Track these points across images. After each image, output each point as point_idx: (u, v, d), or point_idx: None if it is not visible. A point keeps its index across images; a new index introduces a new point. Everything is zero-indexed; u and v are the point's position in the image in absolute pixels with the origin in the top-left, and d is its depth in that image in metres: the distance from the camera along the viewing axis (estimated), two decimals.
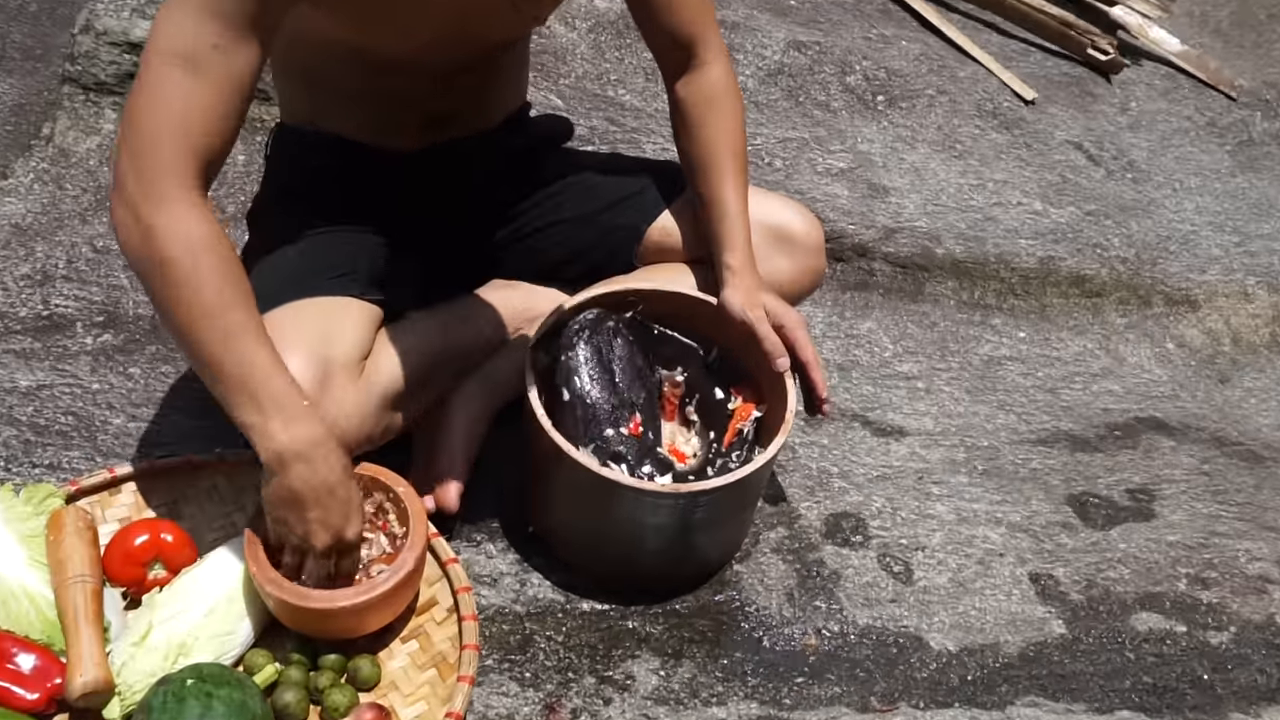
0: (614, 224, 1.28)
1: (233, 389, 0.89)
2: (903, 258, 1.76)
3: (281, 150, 1.22)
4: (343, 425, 1.01)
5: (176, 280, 0.86)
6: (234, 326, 0.88)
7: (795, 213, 1.27)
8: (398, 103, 1.13)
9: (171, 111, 0.86)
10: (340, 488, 0.94)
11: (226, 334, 0.87)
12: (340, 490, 0.95)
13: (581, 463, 1.06)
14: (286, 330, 1.02)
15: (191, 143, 0.87)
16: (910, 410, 1.54)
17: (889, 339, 1.66)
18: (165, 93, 0.86)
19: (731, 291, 1.16)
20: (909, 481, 1.43)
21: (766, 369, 1.17)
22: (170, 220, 0.86)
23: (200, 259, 0.87)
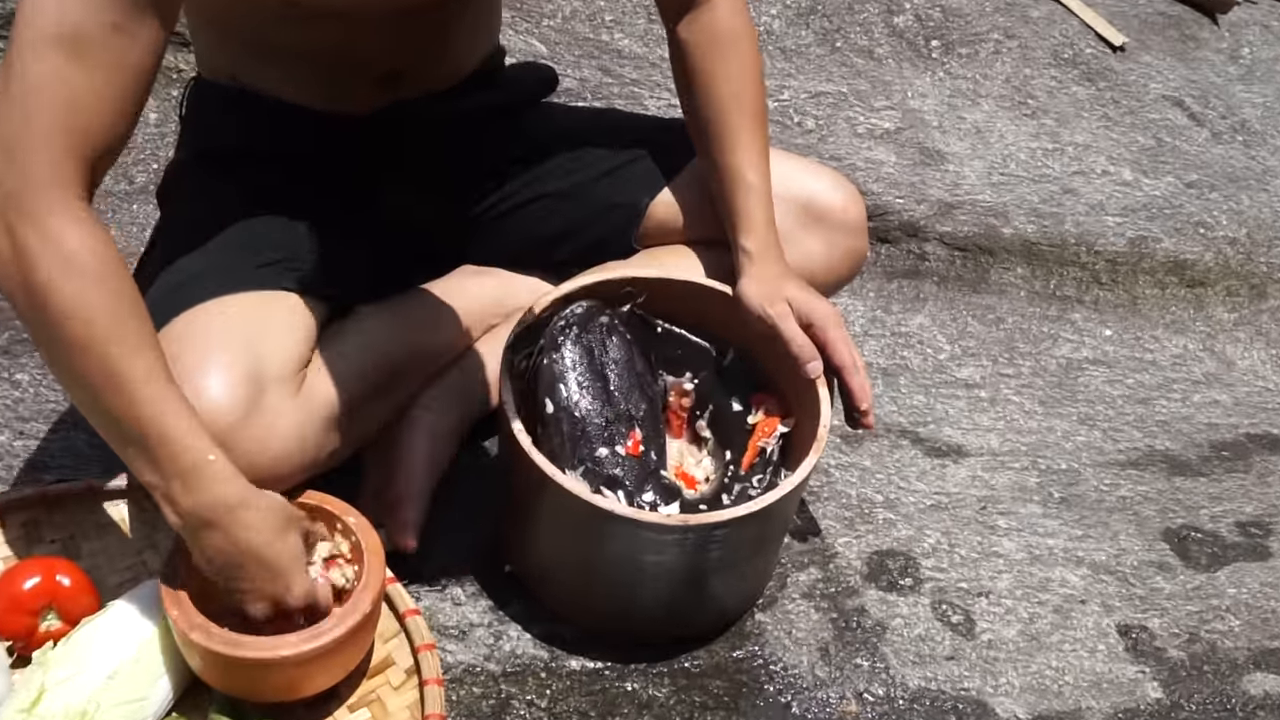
0: (609, 198, 1.29)
1: (125, 442, 0.89)
2: (962, 239, 1.76)
3: (201, 110, 1.22)
4: (276, 451, 1.02)
5: (56, 312, 0.85)
6: (125, 370, 0.86)
7: (830, 184, 1.28)
8: (339, 58, 1.13)
9: (53, 107, 0.85)
10: (267, 550, 0.94)
11: (116, 378, 0.86)
12: (268, 553, 0.95)
13: (569, 489, 1.06)
14: (207, 335, 1.02)
15: (75, 142, 0.86)
16: (971, 425, 1.54)
17: (945, 338, 1.66)
18: (43, 84, 0.84)
19: (751, 280, 1.17)
20: (969, 512, 1.43)
21: (794, 375, 1.17)
22: (48, 239, 0.85)
23: (86, 286, 0.85)
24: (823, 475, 1.43)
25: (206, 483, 0.91)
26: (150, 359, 0.88)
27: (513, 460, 1.12)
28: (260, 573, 0.95)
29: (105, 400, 0.87)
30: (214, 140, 1.20)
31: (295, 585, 0.97)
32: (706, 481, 1.20)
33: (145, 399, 0.87)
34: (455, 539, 1.26)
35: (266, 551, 0.95)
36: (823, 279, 1.26)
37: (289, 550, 0.96)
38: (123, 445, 0.89)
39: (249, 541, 0.93)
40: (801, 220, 1.25)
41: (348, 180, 1.21)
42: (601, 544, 1.11)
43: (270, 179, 1.17)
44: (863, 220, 1.28)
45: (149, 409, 0.87)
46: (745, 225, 1.18)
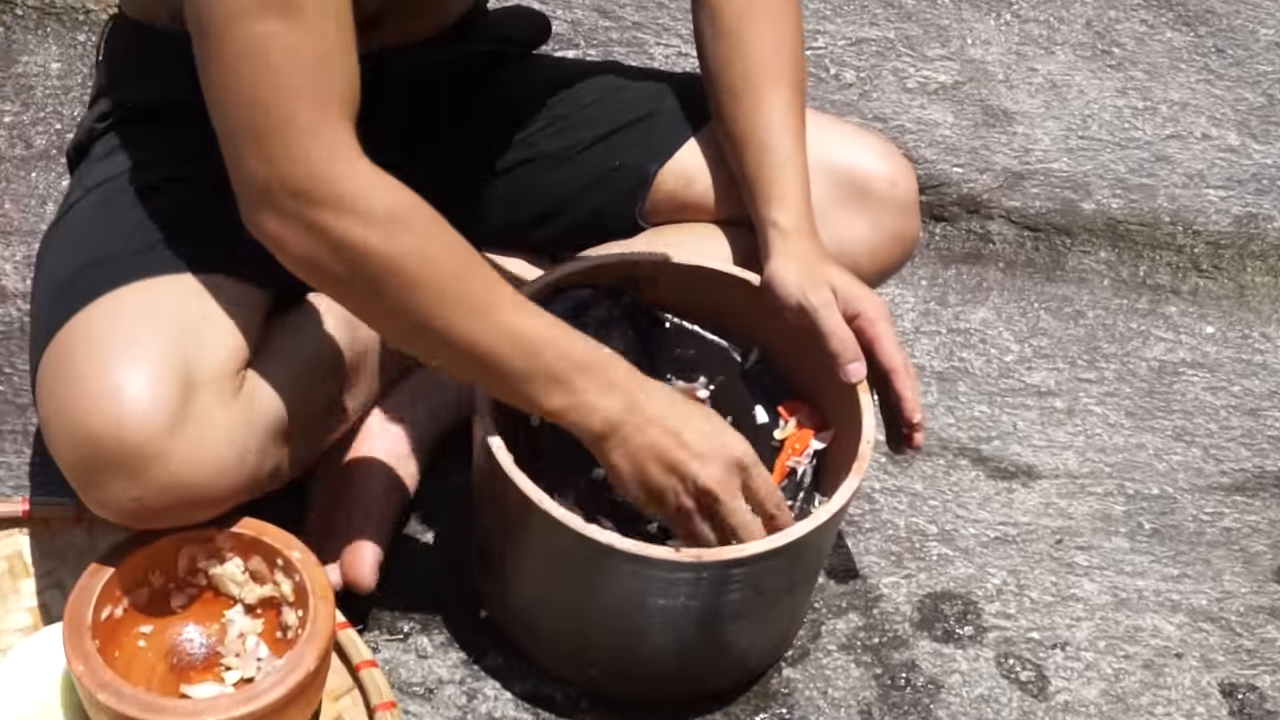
0: (610, 165, 1.29)
1: (519, 377, 1.00)
2: (1034, 216, 1.76)
3: (125, 57, 1.22)
4: (210, 467, 1.01)
5: (412, 276, 0.96)
6: (493, 300, 1.00)
7: (875, 151, 1.28)
8: None
9: (300, 72, 0.93)
10: (691, 403, 1.07)
11: (489, 313, 0.99)
12: (694, 405, 1.06)
13: (558, 518, 1.06)
14: (125, 326, 1.02)
15: (336, 97, 0.95)
16: (1044, 441, 1.54)
17: (1013, 336, 1.66)
18: (276, 57, 0.93)
19: (783, 264, 1.16)
20: (1042, 546, 1.42)
21: (832, 379, 1.16)
22: (370, 208, 0.95)
23: (425, 237, 0.97)
24: (865, 501, 1.42)
25: (613, 370, 1.03)
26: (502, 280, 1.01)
27: (490, 483, 1.11)
28: (696, 425, 1.04)
29: (492, 341, 0.99)
30: (139, 94, 1.20)
31: (735, 434, 1.05)
32: None
33: (529, 320, 1.00)
34: (421, 577, 1.25)
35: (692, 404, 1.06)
36: (867, 266, 1.26)
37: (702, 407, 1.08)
38: (517, 381, 1.00)
39: (671, 401, 1.04)
40: (840, 196, 1.25)
41: None
42: (598, 584, 1.10)
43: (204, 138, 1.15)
44: (913, 195, 1.28)
45: (535, 324, 1.00)
46: (777, 197, 1.18)
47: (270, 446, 1.08)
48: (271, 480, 1.10)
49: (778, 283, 1.16)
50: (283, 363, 1.10)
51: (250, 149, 0.95)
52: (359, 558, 1.17)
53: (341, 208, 0.94)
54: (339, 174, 0.94)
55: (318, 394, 1.13)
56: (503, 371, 1.00)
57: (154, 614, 1.08)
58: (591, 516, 1.11)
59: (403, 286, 0.97)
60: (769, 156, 1.18)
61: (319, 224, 0.95)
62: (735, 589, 1.10)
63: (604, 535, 1.06)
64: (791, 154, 1.18)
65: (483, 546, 1.22)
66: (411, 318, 0.98)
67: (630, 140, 1.29)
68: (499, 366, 1.00)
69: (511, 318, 1.00)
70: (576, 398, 1.01)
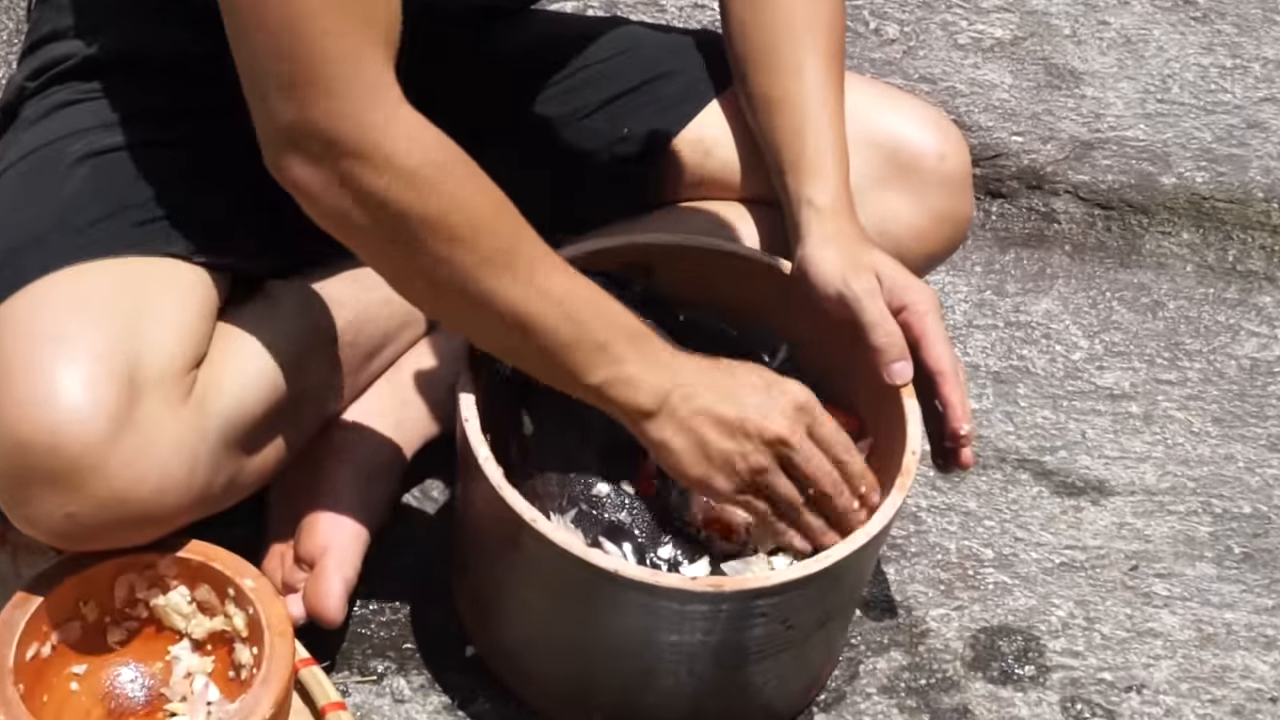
0: (616, 133, 1.30)
1: (566, 346, 1.03)
2: (1105, 192, 1.76)
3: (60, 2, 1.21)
4: (156, 480, 1.02)
5: (454, 233, 0.99)
6: (538, 261, 1.02)
7: (921, 119, 1.28)
8: None
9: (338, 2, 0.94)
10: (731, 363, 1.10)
11: (534, 275, 1.02)
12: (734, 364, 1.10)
13: (555, 542, 1.06)
14: (59, 317, 1.02)
15: (380, 28, 0.96)
16: (1117, 452, 1.54)
17: (1081, 330, 1.65)
18: None
19: (819, 247, 1.16)
20: (1115, 574, 1.42)
21: (873, 380, 1.16)
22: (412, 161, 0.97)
23: (469, 192, 1.00)
24: (910, 522, 1.42)
25: (655, 341, 1.06)
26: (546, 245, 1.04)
27: (476, 500, 1.11)
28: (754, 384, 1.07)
29: (532, 305, 1.01)
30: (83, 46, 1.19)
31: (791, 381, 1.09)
32: (748, 531, 1.19)
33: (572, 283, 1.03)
34: (398, 608, 1.26)
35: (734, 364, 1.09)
36: (912, 251, 1.26)
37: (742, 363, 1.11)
38: (561, 350, 1.03)
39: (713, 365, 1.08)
40: (881, 172, 1.25)
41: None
42: (600, 618, 1.10)
43: (155, 100, 1.17)
44: (965, 169, 1.29)
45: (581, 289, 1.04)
46: (811, 171, 1.18)
47: (224, 458, 1.08)
48: (225, 496, 1.10)
49: (813, 269, 1.16)
50: (241, 361, 1.11)
51: (280, 86, 0.95)
52: (324, 586, 1.16)
53: (381, 159, 0.95)
54: (380, 120, 0.95)
55: (280, 397, 1.13)
56: (545, 339, 1.02)
57: (88, 652, 1.08)
58: (593, 539, 1.11)
59: (444, 245, 0.98)
60: (802, 125, 1.19)
61: (356, 176, 0.96)
62: (759, 623, 1.10)
63: (607, 560, 1.06)
64: (828, 122, 1.19)
65: (468, 574, 1.22)
66: (450, 279, 1.00)
67: (640, 105, 1.29)
68: (541, 333, 1.02)
69: (557, 280, 1.02)
70: (622, 369, 1.04)
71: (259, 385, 1.11)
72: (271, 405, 1.12)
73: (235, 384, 1.09)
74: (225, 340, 1.11)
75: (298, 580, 1.18)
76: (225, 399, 1.08)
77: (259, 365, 1.11)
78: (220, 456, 1.07)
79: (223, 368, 1.09)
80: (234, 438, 1.08)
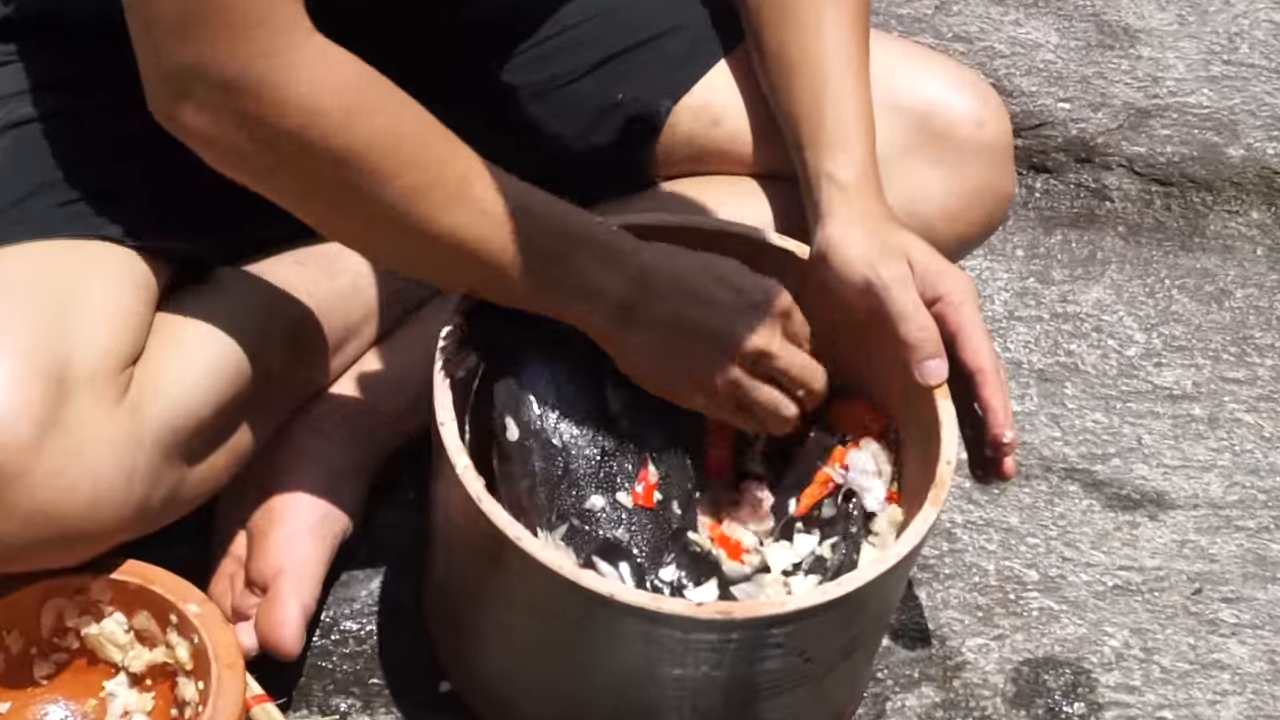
0: (610, 99, 1.30)
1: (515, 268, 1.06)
2: (1164, 165, 1.76)
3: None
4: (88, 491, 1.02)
5: (378, 168, 1.00)
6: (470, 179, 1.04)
7: (955, 82, 1.29)
8: None
9: None
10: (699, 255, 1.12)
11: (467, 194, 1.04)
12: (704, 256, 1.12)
13: (543, 562, 1.05)
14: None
15: None
16: (1178, 460, 1.54)
17: (1136, 322, 1.66)
18: None
19: (842, 229, 1.16)
20: (1176, 598, 1.42)
21: (903, 380, 1.16)
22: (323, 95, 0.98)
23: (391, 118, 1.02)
24: (944, 539, 1.43)
25: (613, 245, 1.08)
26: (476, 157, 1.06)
27: (454, 515, 1.11)
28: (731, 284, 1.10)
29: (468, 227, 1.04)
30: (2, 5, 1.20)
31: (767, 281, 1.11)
32: (760, 548, 1.20)
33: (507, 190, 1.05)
34: (363, 638, 1.26)
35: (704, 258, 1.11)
36: (943, 233, 1.27)
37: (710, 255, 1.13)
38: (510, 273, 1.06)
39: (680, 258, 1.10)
40: (910, 142, 1.26)
41: None
42: (594, 648, 1.10)
43: (80, 65, 1.17)
44: (1006, 140, 1.29)
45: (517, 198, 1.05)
46: (833, 143, 1.18)
47: (165, 467, 1.08)
48: (166, 511, 1.10)
49: (836, 253, 1.15)
50: (183, 357, 1.11)
51: (171, 27, 0.95)
52: (280, 612, 1.16)
53: (285, 97, 0.96)
54: (283, 53, 0.96)
55: (228, 398, 1.13)
56: (493, 261, 1.05)
57: (12, 686, 1.08)
58: (586, 558, 1.10)
59: (367, 182, 1.00)
60: (822, 90, 1.19)
61: (257, 118, 0.97)
62: (774, 655, 1.09)
63: (602, 583, 1.06)
64: (852, 87, 1.19)
65: (443, 599, 1.21)
66: (379, 216, 1.02)
67: (636, 66, 1.30)
68: (488, 257, 1.05)
69: (496, 196, 1.04)
70: (580, 281, 1.07)
71: (203, 385, 1.11)
72: (218, 407, 1.12)
73: (176, 384, 1.09)
74: (165, 334, 1.11)
75: (249, 606, 1.17)
76: (165, 400, 1.08)
77: (203, 362, 1.11)
78: (160, 465, 1.07)
79: (162, 365, 1.09)
80: (176, 444, 1.08)
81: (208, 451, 1.13)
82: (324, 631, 1.23)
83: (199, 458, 1.12)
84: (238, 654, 1.06)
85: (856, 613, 1.11)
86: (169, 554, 1.11)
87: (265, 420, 1.20)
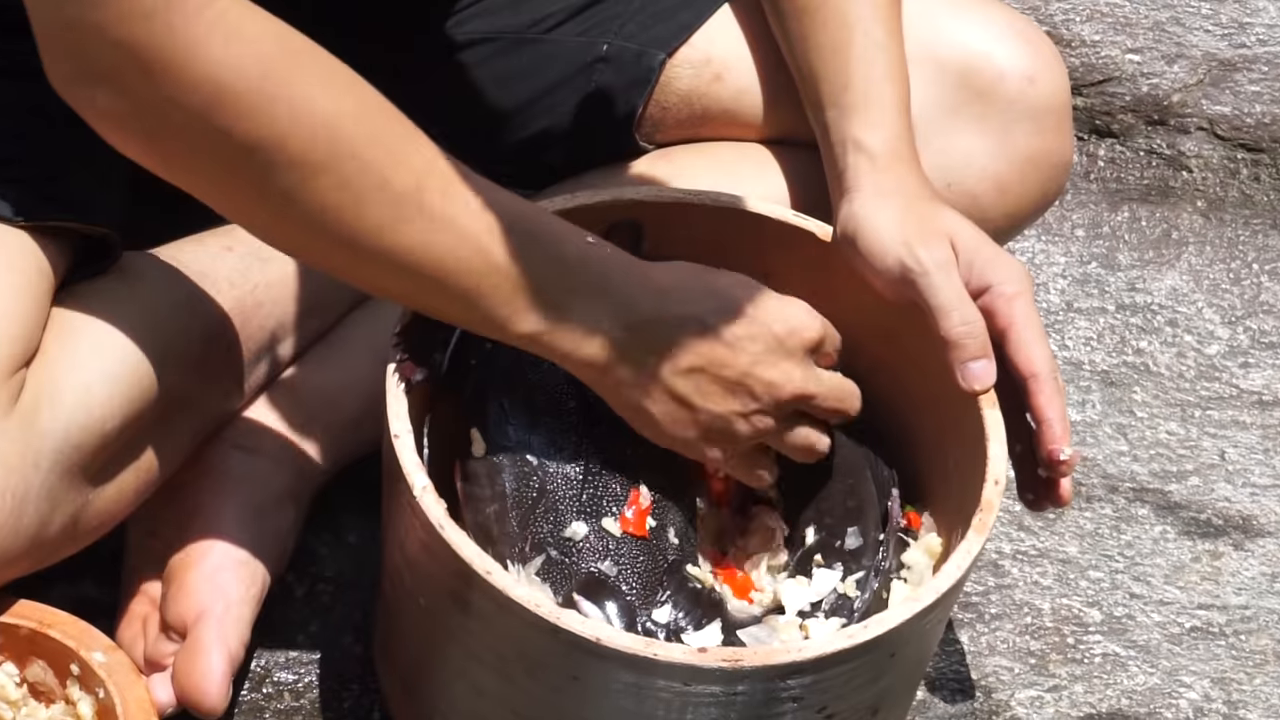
0: (594, 51, 1.31)
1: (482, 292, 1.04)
2: (1251, 129, 1.77)
3: None
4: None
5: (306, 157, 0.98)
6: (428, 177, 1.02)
7: (1003, 31, 1.29)
8: None
9: None
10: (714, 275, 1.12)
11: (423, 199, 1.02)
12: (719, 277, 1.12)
13: (514, 599, 1.05)
14: None
15: None
16: (1269, 478, 1.55)
17: (1218, 315, 1.67)
18: None
19: (873, 205, 1.17)
20: (1265, 641, 1.43)
21: (942, 385, 1.16)
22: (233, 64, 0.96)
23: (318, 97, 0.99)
24: (989, 573, 1.43)
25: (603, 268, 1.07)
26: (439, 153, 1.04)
27: (410, 546, 1.11)
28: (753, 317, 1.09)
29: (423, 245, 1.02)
30: None
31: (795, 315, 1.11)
32: (775, 583, 1.21)
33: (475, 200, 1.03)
34: (300, 692, 1.26)
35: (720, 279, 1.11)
36: (990, 208, 1.28)
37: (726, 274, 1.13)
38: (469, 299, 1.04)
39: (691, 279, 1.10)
40: (950, 100, 1.27)
41: None
42: (579, 704, 1.10)
43: None
44: (1063, 98, 1.30)
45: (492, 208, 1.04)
46: (861, 104, 1.19)
47: (64, 488, 1.08)
48: (64, 542, 1.10)
49: (865, 234, 1.16)
50: (86, 358, 1.11)
51: None
52: (201, 662, 1.16)
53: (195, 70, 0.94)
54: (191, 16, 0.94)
55: (140, 406, 1.13)
56: (456, 283, 1.03)
57: None
58: (566, 596, 1.11)
59: (295, 175, 0.98)
60: (847, 40, 1.19)
61: (160, 91, 0.95)
62: (789, 710, 1.10)
63: (586, 625, 1.05)
64: (883, 37, 1.19)
65: (397, 644, 1.22)
66: (313, 218, 1.00)
67: (624, 11, 1.30)
68: (451, 277, 1.03)
69: (463, 203, 1.03)
70: (562, 315, 1.05)
71: (110, 391, 1.11)
72: (126, 419, 1.12)
73: (78, 389, 1.09)
74: (64, 331, 1.11)
75: (165, 654, 1.18)
76: (65, 409, 1.08)
77: (110, 364, 1.11)
78: (58, 487, 1.07)
79: (60, 369, 1.09)
80: (77, 461, 1.08)
81: (115, 471, 1.13)
82: (254, 684, 1.23)
83: (104, 478, 1.12)
84: (151, 711, 1.06)
85: (886, 660, 1.11)
86: (72, 593, 1.12)
87: (183, 435, 1.20)
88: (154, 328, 1.14)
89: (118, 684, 1.06)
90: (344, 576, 1.30)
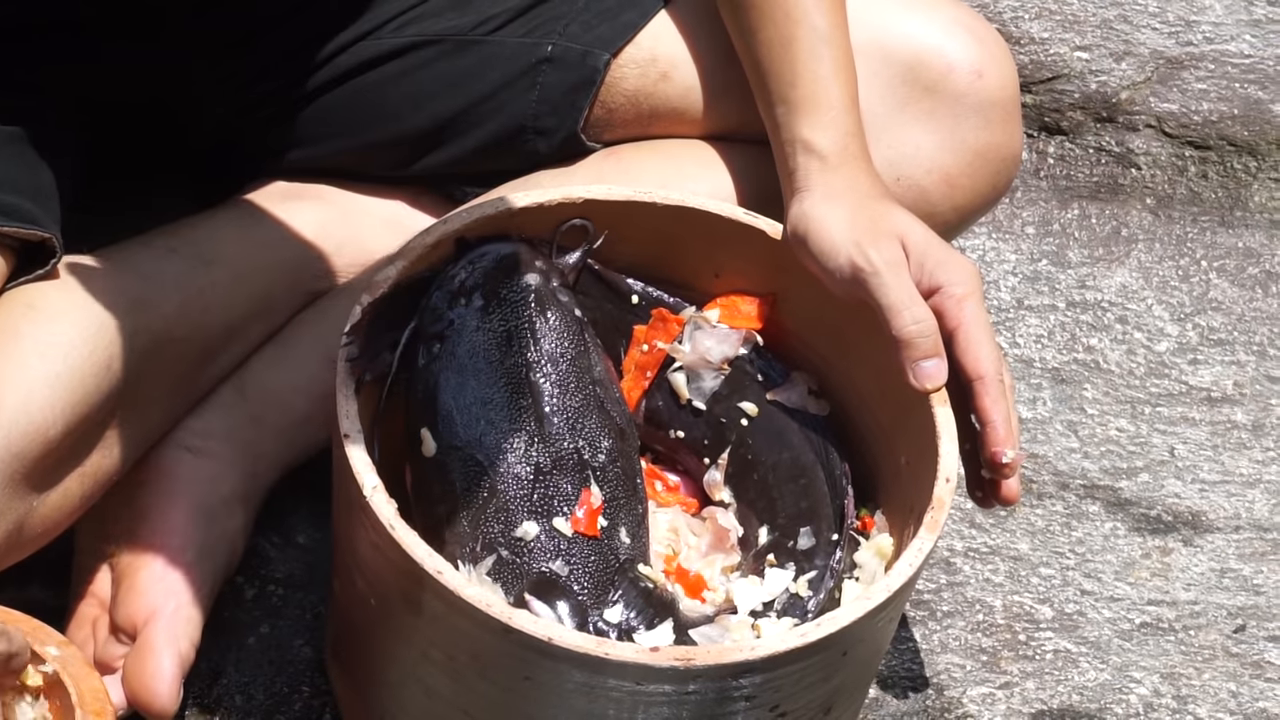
0: (538, 53, 1.31)
1: None
2: (1199, 126, 1.77)
3: None
4: None
5: None
6: None
7: (950, 25, 1.29)
8: None
9: None
10: None
11: None
12: None
13: (464, 599, 1.05)
14: None
15: None
16: (1217, 474, 1.55)
17: (1167, 311, 1.67)
18: None
19: (823, 204, 1.17)
20: (1215, 636, 1.43)
21: (893, 384, 1.17)
22: None
23: None
24: (941, 570, 1.43)
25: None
26: None
27: (361, 547, 1.11)
28: None
29: None
30: None
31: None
32: (727, 582, 1.21)
33: None
34: (251, 694, 1.26)
35: None
36: (939, 203, 1.28)
37: None
38: None
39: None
40: (897, 94, 1.27)
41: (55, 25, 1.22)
42: (530, 705, 1.10)
43: None
44: (1012, 93, 1.30)
45: None
46: (810, 100, 1.19)
47: (5, 496, 1.08)
48: (9, 549, 1.10)
49: (815, 233, 1.16)
50: (26, 361, 1.11)
51: None
52: (152, 664, 1.16)
53: None
54: None
55: (84, 411, 1.13)
56: None
57: None
58: (518, 596, 1.11)
59: None
60: (794, 34, 1.19)
61: None
62: (741, 709, 1.10)
63: (537, 625, 1.05)
64: (828, 30, 1.19)
65: (348, 647, 1.22)
66: None
67: (568, 12, 1.30)
68: None
69: None
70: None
71: (53, 396, 1.10)
72: (70, 423, 1.12)
73: (18, 394, 1.09)
74: (5, 335, 1.11)
75: (115, 657, 1.18)
76: (5, 415, 1.07)
77: (53, 369, 1.11)
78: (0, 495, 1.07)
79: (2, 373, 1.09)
80: (19, 469, 1.08)
81: (60, 476, 1.13)
82: (204, 686, 1.23)
83: (48, 484, 1.11)
84: (106, 700, 1.05)
85: (838, 659, 1.11)
86: (19, 596, 1.11)
87: (130, 439, 1.20)
88: (98, 331, 1.14)
89: (72, 675, 1.04)
90: (294, 578, 1.30)
